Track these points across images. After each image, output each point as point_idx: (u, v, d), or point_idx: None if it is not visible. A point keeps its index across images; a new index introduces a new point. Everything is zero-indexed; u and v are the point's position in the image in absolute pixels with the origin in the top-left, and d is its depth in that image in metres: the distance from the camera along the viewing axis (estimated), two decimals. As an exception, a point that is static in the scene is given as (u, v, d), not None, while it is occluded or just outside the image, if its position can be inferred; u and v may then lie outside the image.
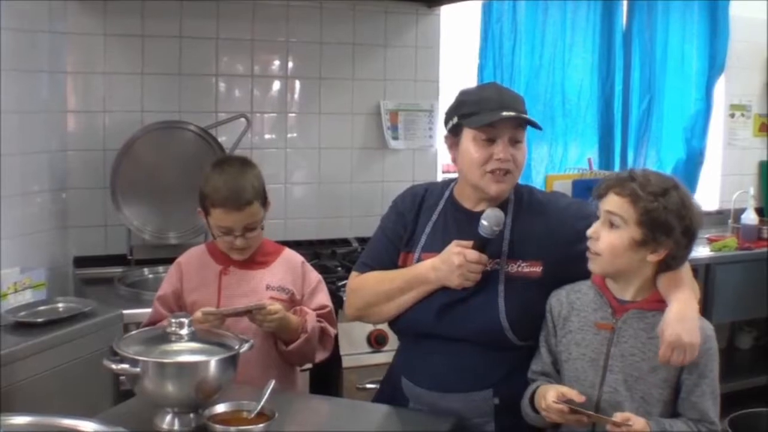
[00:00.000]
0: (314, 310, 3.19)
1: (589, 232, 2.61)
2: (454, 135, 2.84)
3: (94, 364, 3.26)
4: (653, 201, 2.51)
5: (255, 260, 3.20)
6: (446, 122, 2.88)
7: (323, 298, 3.28)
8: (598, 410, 2.56)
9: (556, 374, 2.73)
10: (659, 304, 2.58)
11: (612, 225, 2.57)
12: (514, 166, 2.79)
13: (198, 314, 2.88)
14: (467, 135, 2.77)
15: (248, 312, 2.98)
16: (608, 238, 2.57)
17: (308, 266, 3.31)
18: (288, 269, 3.23)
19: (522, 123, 2.79)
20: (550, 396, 2.54)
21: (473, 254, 2.72)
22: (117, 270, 4.31)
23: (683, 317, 2.52)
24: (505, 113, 2.72)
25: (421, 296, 2.82)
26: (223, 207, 3.04)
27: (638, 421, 2.46)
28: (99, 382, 3.44)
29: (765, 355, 6.38)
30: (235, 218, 3.05)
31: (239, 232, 3.07)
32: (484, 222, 2.72)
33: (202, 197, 3.10)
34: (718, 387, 2.65)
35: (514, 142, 2.78)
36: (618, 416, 2.47)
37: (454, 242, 2.76)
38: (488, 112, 2.73)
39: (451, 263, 2.72)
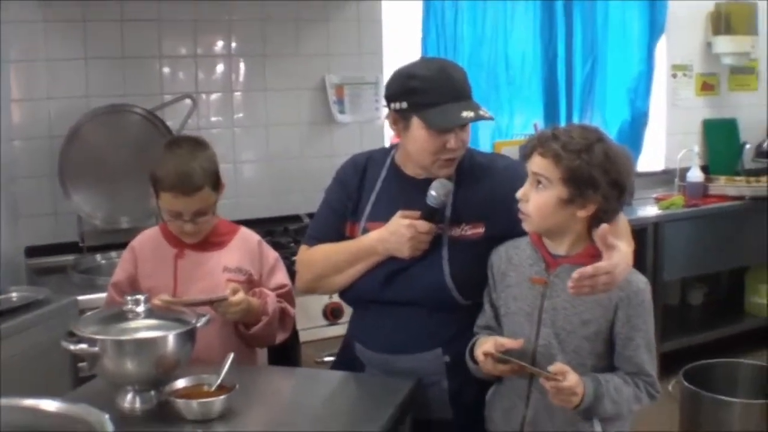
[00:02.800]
0: (273, 289, 3.18)
1: (518, 194, 2.64)
2: (401, 117, 2.81)
3: (51, 352, 3.23)
4: (576, 159, 2.52)
5: (210, 241, 3.16)
6: (391, 101, 2.83)
7: (282, 277, 3.26)
8: (534, 363, 2.61)
9: (498, 328, 2.78)
10: (592, 260, 2.57)
11: (539, 185, 2.59)
12: (462, 148, 2.84)
13: (157, 302, 2.83)
14: (418, 124, 2.76)
15: (210, 303, 2.94)
16: (536, 199, 2.60)
17: (265, 245, 3.29)
18: (245, 249, 3.20)
19: None
20: (486, 347, 2.59)
21: (424, 225, 2.76)
22: (69, 258, 4.27)
23: (627, 262, 2.58)
24: (464, 114, 2.73)
25: (369, 266, 2.87)
26: (171, 191, 2.98)
27: (571, 377, 2.49)
28: (57, 370, 3.41)
29: (716, 310, 6.51)
30: (184, 203, 3.00)
31: (188, 217, 3.03)
32: (432, 192, 2.77)
33: (153, 180, 3.04)
34: (653, 340, 2.69)
35: (463, 126, 2.80)
36: (553, 368, 2.51)
37: (400, 213, 2.80)
38: (445, 106, 2.73)
39: (402, 235, 2.76)
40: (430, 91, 2.74)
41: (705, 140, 6.85)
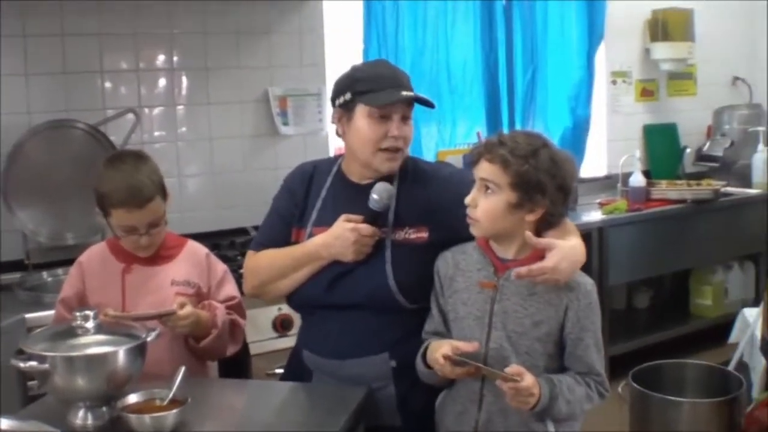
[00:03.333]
0: (222, 302, 3.17)
1: (467, 200, 2.69)
2: (345, 110, 2.87)
3: (0, 371, 3.23)
4: (523, 164, 2.58)
5: (159, 255, 3.15)
6: (336, 97, 2.90)
7: (231, 289, 3.26)
8: (487, 366, 2.62)
9: (447, 333, 2.80)
10: (539, 262, 2.64)
11: (487, 191, 2.63)
12: (404, 143, 2.89)
13: (105, 317, 2.81)
14: (361, 112, 2.82)
15: (159, 317, 2.93)
16: (485, 204, 2.64)
17: (213, 257, 3.29)
18: (193, 262, 3.20)
19: (413, 102, 2.86)
20: (443, 350, 2.60)
21: (367, 228, 2.80)
22: (15, 276, 4.21)
23: (571, 255, 2.64)
24: (404, 93, 2.81)
25: (314, 271, 2.90)
26: (124, 206, 2.96)
27: (528, 378, 2.53)
28: (6, 388, 3.37)
29: (662, 313, 6.59)
30: (138, 216, 2.98)
31: (144, 230, 3.01)
32: (374, 196, 2.80)
33: (99, 197, 3.02)
34: (602, 340, 2.75)
35: (405, 119, 2.86)
36: (509, 369, 2.54)
37: (344, 217, 2.84)
38: (386, 91, 2.80)
39: (346, 239, 2.79)
40: (372, 80, 2.84)
41: (646, 145, 6.94)
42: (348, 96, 2.84)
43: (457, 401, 2.77)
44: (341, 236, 2.80)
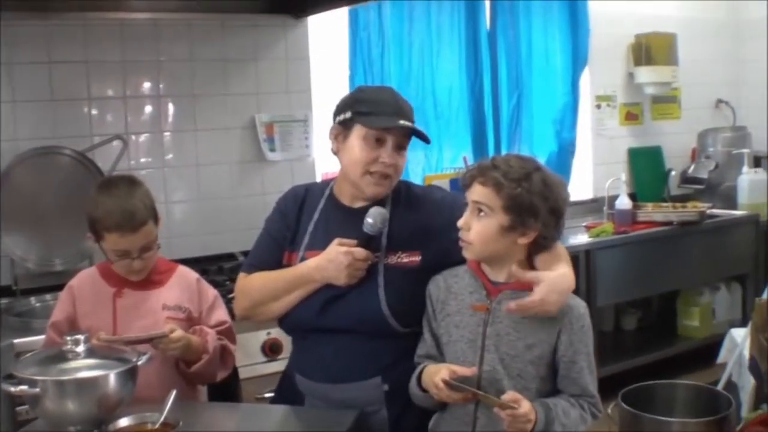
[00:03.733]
0: (213, 326, 3.18)
1: (460, 223, 2.69)
2: (343, 128, 2.88)
3: (-12, 397, 3.22)
4: (516, 187, 2.59)
5: (150, 279, 3.15)
6: (337, 113, 2.91)
7: (221, 314, 3.27)
8: (479, 389, 2.62)
9: (440, 357, 2.80)
10: (528, 295, 2.66)
11: (480, 213, 2.64)
12: (394, 171, 2.89)
13: (96, 341, 2.81)
14: (357, 132, 2.83)
15: (150, 340, 2.93)
16: (478, 227, 2.65)
17: (204, 282, 3.29)
18: (184, 287, 3.20)
19: (410, 133, 2.87)
20: (441, 375, 2.60)
21: (361, 252, 2.79)
22: (3, 301, 4.21)
23: (559, 285, 2.64)
24: (402, 122, 2.81)
25: (306, 294, 2.89)
26: (118, 231, 2.97)
27: (525, 404, 2.54)
28: (-5, 413, 3.36)
29: (650, 334, 6.60)
30: (131, 241, 2.99)
31: (136, 253, 3.02)
32: (369, 220, 2.80)
33: (92, 222, 3.02)
34: (594, 361, 2.76)
35: (399, 148, 2.86)
36: (507, 396, 2.55)
37: (337, 240, 2.83)
38: (385, 117, 2.81)
39: (339, 263, 2.79)
40: (374, 102, 2.84)
41: (631, 168, 6.99)
42: (348, 114, 2.85)
43: (451, 423, 2.77)
44: (335, 260, 2.79)
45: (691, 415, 3.64)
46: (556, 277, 2.64)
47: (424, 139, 2.90)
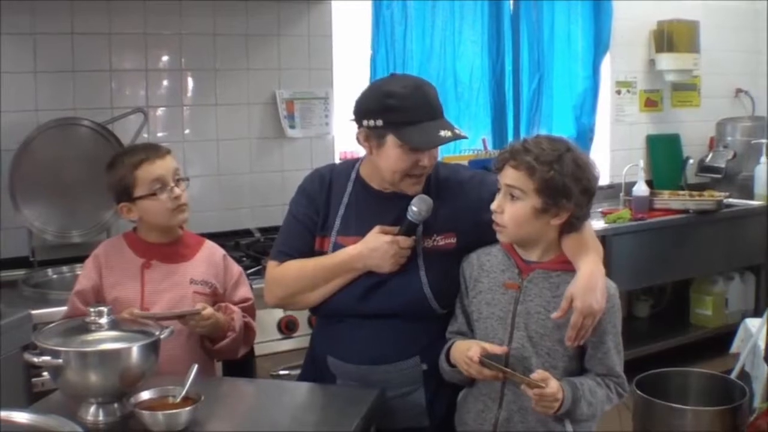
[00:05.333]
0: (237, 303, 3.20)
1: (493, 206, 2.71)
2: (375, 135, 2.82)
3: (5, 366, 3.21)
4: (549, 170, 2.61)
5: (178, 252, 3.17)
6: (364, 117, 2.83)
7: (246, 291, 3.28)
8: (507, 366, 2.65)
9: (471, 334, 2.83)
10: (564, 265, 2.72)
11: (513, 197, 2.66)
12: (431, 166, 2.88)
13: (126, 315, 2.84)
14: (393, 141, 2.77)
15: (182, 316, 2.95)
16: (511, 210, 2.67)
17: (229, 259, 3.31)
18: (210, 262, 3.22)
19: None
20: (472, 352, 2.62)
21: (406, 241, 2.81)
22: (19, 273, 4.21)
23: (592, 286, 2.63)
24: (442, 133, 2.77)
25: (346, 282, 2.88)
26: (147, 159, 3.06)
27: (553, 383, 2.57)
28: (11, 385, 3.33)
29: (662, 322, 6.59)
30: (162, 166, 3.08)
31: (173, 180, 3.08)
32: (414, 208, 2.81)
33: (120, 179, 3.08)
34: (621, 342, 2.79)
35: None
36: (535, 375, 2.57)
37: (379, 228, 2.84)
38: (422, 125, 2.75)
39: (385, 251, 2.79)
40: (407, 110, 2.75)
41: (649, 155, 6.96)
42: (380, 123, 2.77)
43: (479, 399, 2.80)
44: (379, 249, 2.79)
45: (704, 403, 3.68)
46: (584, 284, 2.63)
47: (464, 138, 2.89)
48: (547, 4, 6.27)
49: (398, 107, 2.75)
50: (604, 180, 6.67)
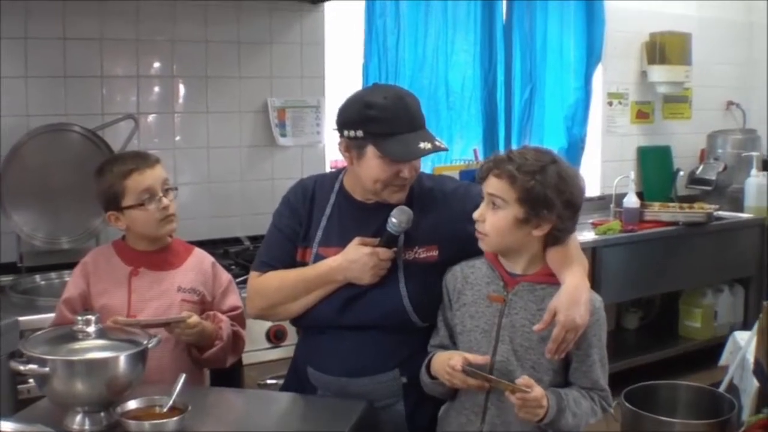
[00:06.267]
0: (226, 311, 3.18)
1: (475, 215, 2.71)
2: (355, 146, 2.80)
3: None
4: (530, 180, 2.60)
5: (166, 260, 3.16)
6: (345, 127, 2.81)
7: (235, 299, 3.27)
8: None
9: (453, 347, 2.82)
10: (548, 278, 2.72)
11: (495, 206, 2.66)
12: (414, 176, 2.86)
13: (111, 324, 2.82)
14: (373, 152, 2.75)
15: (167, 324, 2.94)
16: (493, 219, 2.67)
17: (219, 267, 3.30)
18: (199, 270, 3.20)
19: None
20: (454, 361, 2.61)
21: (386, 253, 2.79)
22: (7, 279, 4.20)
23: (576, 299, 2.62)
24: (422, 145, 2.74)
25: (326, 293, 2.86)
26: (136, 169, 3.05)
27: (537, 390, 2.56)
28: (-3, 391, 3.35)
29: (651, 334, 6.60)
30: (151, 176, 3.07)
31: (162, 190, 3.07)
32: (393, 220, 2.78)
33: (109, 187, 3.08)
34: (606, 355, 2.78)
35: None
36: (520, 381, 2.56)
37: (358, 240, 2.82)
38: (402, 136, 2.73)
39: (365, 264, 2.78)
40: (387, 121, 2.73)
41: (640, 167, 6.97)
42: (360, 133, 2.75)
43: (461, 413, 2.79)
44: (359, 260, 2.78)
45: (692, 416, 3.67)
46: (567, 297, 2.62)
47: (444, 150, 2.85)
48: (539, 15, 6.28)
49: (378, 118, 2.73)
50: (594, 191, 6.71)
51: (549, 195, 2.60)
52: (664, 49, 6.81)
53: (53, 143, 4.30)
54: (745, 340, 4.34)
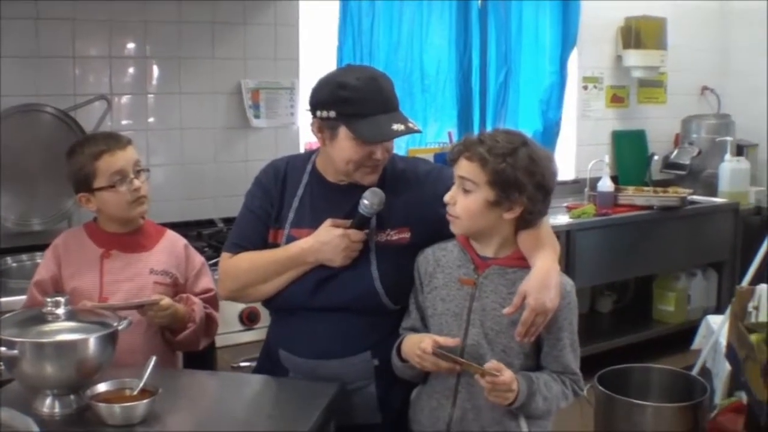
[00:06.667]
0: (199, 294, 3.17)
1: (446, 198, 2.70)
2: (327, 126, 2.79)
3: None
4: (501, 162, 2.59)
5: (138, 242, 3.14)
6: (317, 108, 2.80)
7: (208, 281, 3.25)
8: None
9: (424, 330, 2.81)
10: (520, 261, 2.71)
11: (466, 189, 2.64)
12: (386, 157, 2.85)
13: (86, 307, 2.81)
14: (346, 133, 2.74)
15: (139, 306, 2.93)
16: (464, 202, 2.66)
17: (191, 249, 3.28)
18: (171, 252, 3.19)
19: None
20: (424, 344, 2.60)
21: (357, 234, 2.77)
22: (-22, 260, 4.17)
23: (547, 283, 2.62)
24: (395, 126, 2.73)
25: (297, 275, 2.85)
26: (107, 150, 3.03)
27: (507, 373, 2.56)
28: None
29: (624, 318, 6.64)
30: (123, 157, 3.04)
31: (133, 172, 3.05)
32: (365, 201, 2.77)
33: (80, 168, 3.06)
34: (577, 339, 2.79)
35: None
36: (489, 365, 2.56)
37: (330, 222, 2.80)
38: (375, 117, 2.72)
39: (336, 245, 2.76)
40: (360, 102, 2.72)
41: (614, 151, 6.98)
42: (332, 114, 2.74)
43: (432, 397, 2.78)
44: (330, 242, 2.76)
45: (665, 399, 3.69)
46: (538, 281, 2.62)
47: (417, 131, 2.85)
48: (515, -2, 6.27)
49: (351, 99, 2.72)
50: (569, 175, 6.72)
51: (520, 177, 2.58)
52: (639, 33, 6.81)
53: (25, 124, 4.26)
54: (717, 324, 4.38)
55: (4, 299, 3.54)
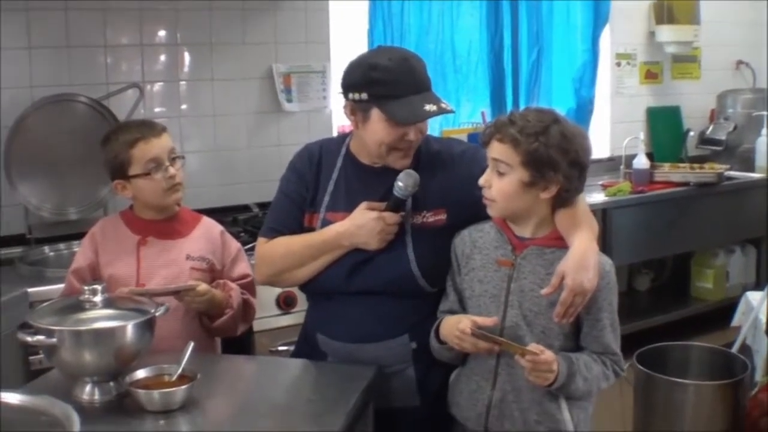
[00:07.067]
0: (236, 279, 3.17)
1: (481, 181, 2.68)
2: (360, 108, 2.78)
3: (3, 345, 3.20)
4: (533, 141, 2.56)
5: (174, 229, 3.15)
6: (350, 90, 2.78)
7: (244, 267, 3.25)
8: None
9: (462, 312, 2.79)
10: (557, 242, 2.68)
11: (500, 171, 2.62)
12: (420, 140, 2.84)
13: (123, 292, 2.82)
14: (378, 115, 2.73)
15: (176, 292, 2.93)
16: (499, 185, 2.63)
17: (228, 235, 3.28)
18: (208, 239, 3.19)
19: None
20: (463, 325, 2.59)
21: (393, 217, 2.76)
22: (16, 250, 4.19)
23: (585, 263, 2.59)
24: (428, 107, 2.71)
25: (333, 259, 2.84)
26: (142, 138, 3.03)
27: (547, 353, 2.54)
28: (9, 363, 3.33)
29: (662, 296, 6.58)
30: (158, 145, 3.05)
31: (168, 160, 3.06)
32: (400, 184, 2.76)
33: (115, 156, 3.06)
34: (617, 319, 2.75)
35: None
36: (531, 346, 2.54)
37: (365, 205, 2.79)
38: (407, 99, 2.70)
39: (372, 228, 2.75)
40: (392, 83, 2.70)
41: (649, 128, 6.92)
42: (364, 96, 2.73)
43: (471, 379, 2.77)
44: (365, 225, 2.76)
45: (705, 377, 3.67)
46: (576, 261, 2.59)
47: (449, 112, 2.83)
48: (545, -23, 6.22)
49: (383, 80, 2.71)
50: (604, 152, 6.67)
51: (553, 155, 2.56)
52: (672, 8, 6.73)
53: (58, 114, 4.28)
54: (757, 301, 4.33)
55: (42, 288, 3.59)
